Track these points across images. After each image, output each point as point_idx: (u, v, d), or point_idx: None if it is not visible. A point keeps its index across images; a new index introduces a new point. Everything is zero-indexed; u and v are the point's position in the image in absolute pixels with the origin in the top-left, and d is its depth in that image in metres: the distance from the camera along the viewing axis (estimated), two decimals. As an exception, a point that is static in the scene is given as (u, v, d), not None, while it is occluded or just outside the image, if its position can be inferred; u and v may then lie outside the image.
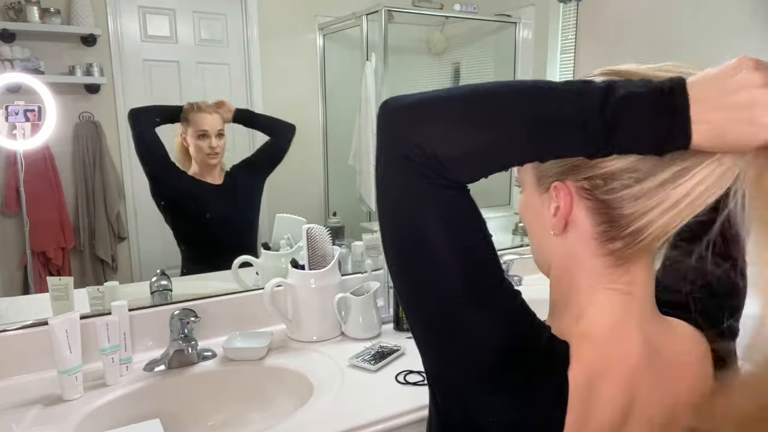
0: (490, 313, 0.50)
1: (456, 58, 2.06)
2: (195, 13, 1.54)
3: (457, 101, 0.50)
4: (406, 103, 0.51)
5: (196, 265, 1.57)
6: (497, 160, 0.49)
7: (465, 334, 0.50)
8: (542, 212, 0.58)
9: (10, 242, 1.36)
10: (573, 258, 0.56)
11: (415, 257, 0.51)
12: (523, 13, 2.01)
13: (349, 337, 1.42)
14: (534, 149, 0.48)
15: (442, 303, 0.50)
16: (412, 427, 1.05)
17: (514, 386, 0.51)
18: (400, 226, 0.51)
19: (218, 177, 1.60)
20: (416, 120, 0.49)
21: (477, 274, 0.50)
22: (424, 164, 0.47)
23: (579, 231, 0.55)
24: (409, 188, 0.49)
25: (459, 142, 0.48)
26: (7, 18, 1.30)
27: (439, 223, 0.49)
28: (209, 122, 1.53)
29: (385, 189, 0.52)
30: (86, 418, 1.06)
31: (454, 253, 0.49)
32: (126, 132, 1.46)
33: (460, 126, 0.48)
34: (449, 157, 0.47)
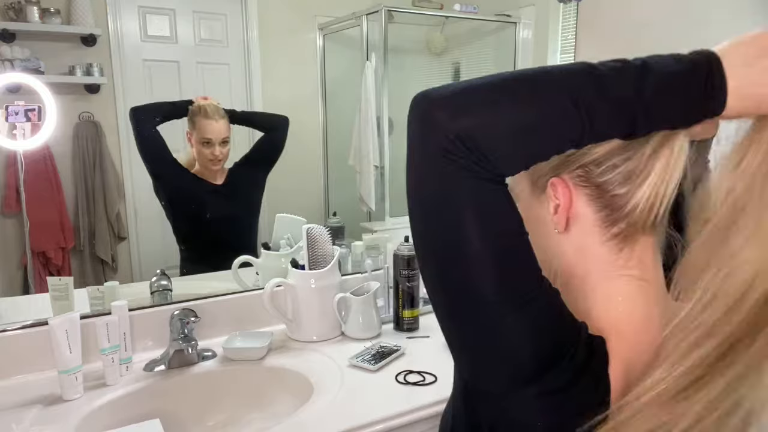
0: (528, 314, 0.49)
1: (456, 58, 2.06)
2: (195, 13, 1.54)
3: (495, 89, 0.49)
4: (442, 94, 0.50)
5: (196, 265, 1.57)
6: (540, 146, 0.48)
7: (504, 335, 0.49)
8: (542, 216, 0.58)
9: (10, 242, 1.36)
10: (581, 252, 0.57)
11: (452, 255, 0.49)
12: (523, 13, 2.01)
13: (349, 337, 1.42)
14: (575, 131, 0.47)
15: (481, 304, 0.49)
16: (412, 427, 1.05)
17: (559, 388, 0.50)
18: (437, 223, 0.49)
19: (219, 177, 1.60)
20: (454, 111, 0.48)
21: (515, 273, 0.49)
22: (465, 156, 0.46)
23: (582, 222, 0.56)
24: (447, 182, 0.47)
25: (501, 130, 0.47)
26: (7, 18, 1.30)
27: (477, 219, 0.47)
28: (215, 130, 1.53)
29: (421, 184, 0.50)
30: (86, 418, 1.06)
31: (492, 250, 0.48)
32: (126, 132, 1.46)
33: (500, 113, 0.47)
34: (491, 147, 0.46)
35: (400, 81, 1.86)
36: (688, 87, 0.47)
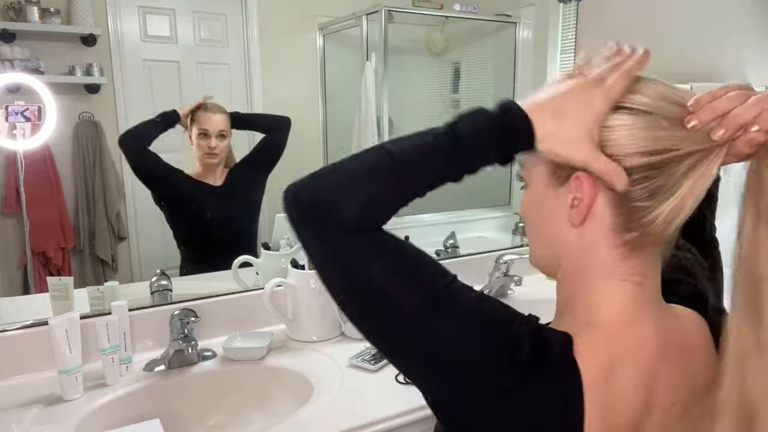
0: (459, 316, 0.53)
1: (456, 58, 2.06)
2: (195, 13, 1.54)
3: (339, 172, 0.56)
4: (300, 187, 0.56)
5: (196, 265, 1.57)
6: (390, 205, 0.54)
7: (446, 346, 0.52)
8: (556, 206, 0.58)
9: (10, 242, 1.36)
10: (589, 250, 0.57)
11: (368, 301, 0.54)
12: (523, 13, 2.01)
13: (349, 337, 1.42)
14: (411, 186, 0.55)
15: (413, 327, 0.52)
16: (412, 427, 1.05)
17: (520, 381, 0.51)
18: (342, 283, 0.55)
19: (219, 177, 1.60)
20: (314, 199, 0.55)
21: (429, 291, 0.53)
22: (336, 226, 0.53)
23: (597, 222, 0.56)
24: (332, 248, 0.54)
25: (353, 200, 0.53)
26: (7, 18, 1.30)
27: (373, 263, 0.53)
28: (211, 122, 1.53)
29: (318, 257, 0.56)
30: (86, 418, 1.06)
31: (398, 281, 0.53)
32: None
33: (351, 188, 0.54)
34: (354, 216, 0.52)
35: (400, 81, 1.86)
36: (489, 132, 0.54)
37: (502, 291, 1.71)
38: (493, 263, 1.69)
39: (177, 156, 1.53)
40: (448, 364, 0.52)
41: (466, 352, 0.52)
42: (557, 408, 0.52)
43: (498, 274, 1.68)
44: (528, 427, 0.52)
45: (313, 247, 0.56)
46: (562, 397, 0.52)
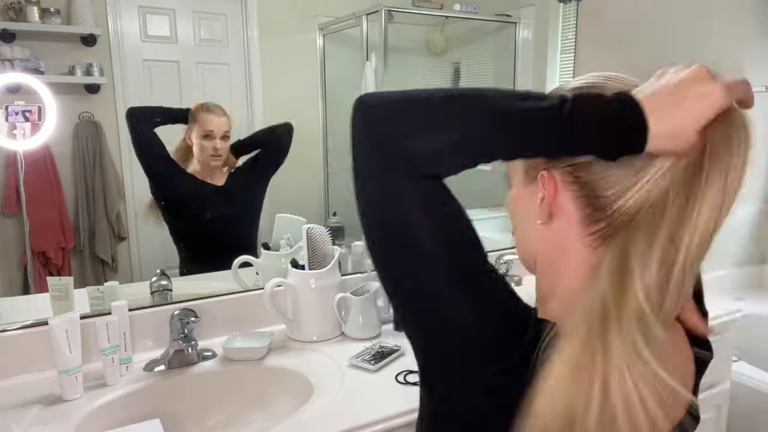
0: (477, 297, 0.52)
1: (456, 58, 2.06)
2: (195, 13, 1.54)
3: (430, 102, 0.53)
4: (381, 101, 0.55)
5: (195, 265, 1.57)
6: (468, 156, 0.52)
7: (455, 323, 0.52)
8: (529, 203, 0.60)
9: (10, 242, 1.36)
10: (560, 245, 0.58)
11: (400, 248, 0.53)
12: (523, 13, 2.01)
13: (349, 337, 1.42)
14: (501, 146, 0.52)
15: (431, 292, 0.52)
16: (412, 427, 1.05)
17: (507, 371, 0.51)
18: (382, 220, 0.54)
19: (220, 178, 1.60)
20: (392, 118, 0.52)
21: (461, 259, 0.52)
22: (403, 160, 0.51)
23: (565, 218, 0.57)
24: (388, 182, 0.52)
25: (433, 139, 0.50)
26: (7, 18, 1.30)
27: (419, 213, 0.51)
28: (216, 123, 1.53)
29: (365, 184, 0.54)
30: (86, 418, 1.06)
31: (438, 240, 0.51)
32: (126, 132, 1.46)
33: (434, 123, 0.51)
34: (425, 154, 0.50)
35: (400, 81, 1.86)
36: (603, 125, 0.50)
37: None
38: (493, 263, 1.69)
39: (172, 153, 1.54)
40: (453, 334, 0.52)
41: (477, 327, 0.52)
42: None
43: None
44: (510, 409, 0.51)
45: (366, 170, 0.54)
46: None
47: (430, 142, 0.50)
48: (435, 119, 0.51)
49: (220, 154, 1.55)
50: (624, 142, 0.50)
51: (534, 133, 0.51)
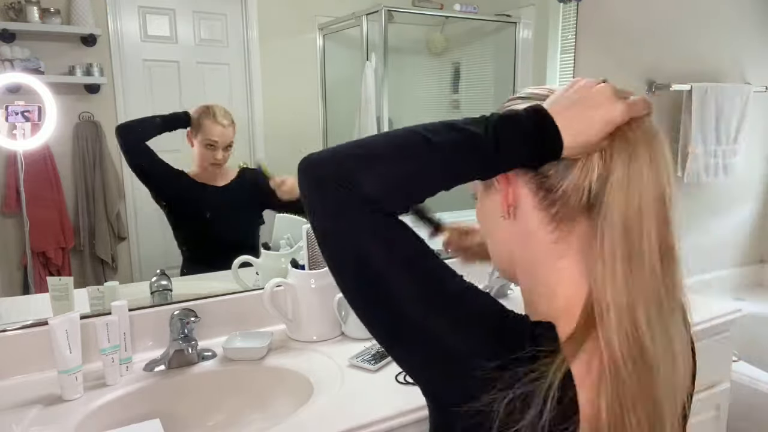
0: (460, 316, 0.54)
1: (456, 58, 2.06)
2: (195, 13, 1.54)
3: (370, 146, 0.57)
4: (324, 156, 0.58)
5: (198, 265, 1.57)
6: (414, 192, 0.57)
7: (445, 346, 0.53)
8: (494, 207, 0.64)
9: (10, 242, 1.36)
10: (527, 236, 0.62)
11: (370, 286, 0.55)
12: (523, 13, 2.01)
13: (349, 337, 1.42)
14: (444, 178, 0.57)
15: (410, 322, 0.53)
16: (412, 427, 1.05)
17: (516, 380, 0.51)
18: (351, 262, 0.56)
19: (220, 179, 1.60)
20: (338, 165, 0.55)
21: (430, 284, 0.55)
22: (358, 201, 0.54)
23: (523, 206, 0.61)
24: (342, 220, 0.55)
25: (379, 180, 0.54)
26: (7, 18, 1.30)
27: (381, 245, 0.54)
28: (221, 134, 1.52)
29: (322, 223, 0.57)
30: (86, 418, 1.06)
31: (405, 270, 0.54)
32: (126, 132, 1.46)
33: (377, 167, 0.55)
34: (376, 192, 0.54)
35: (400, 81, 1.86)
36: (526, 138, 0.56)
37: (501, 291, 1.71)
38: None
39: (178, 155, 1.53)
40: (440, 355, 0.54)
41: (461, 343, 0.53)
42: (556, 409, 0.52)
43: (498, 274, 1.68)
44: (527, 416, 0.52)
45: (320, 215, 0.56)
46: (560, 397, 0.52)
47: (374, 183, 0.54)
48: (375, 162, 0.55)
49: (221, 164, 1.55)
50: (543, 156, 0.57)
51: (465, 161, 0.56)
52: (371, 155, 0.55)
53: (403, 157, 0.55)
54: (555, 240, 0.60)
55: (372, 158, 0.55)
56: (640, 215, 0.54)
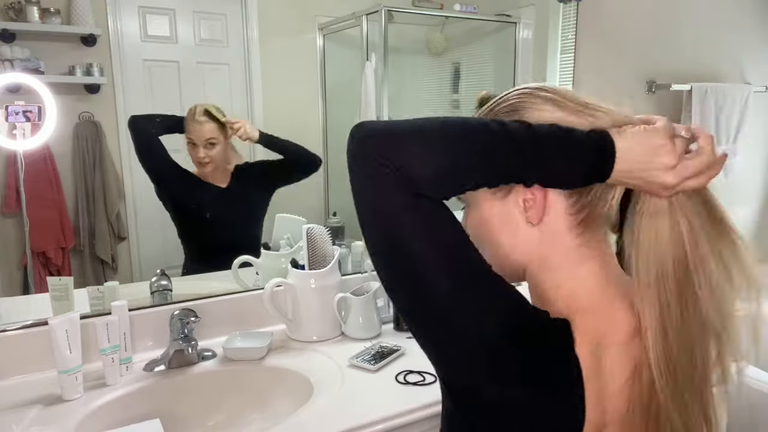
0: (483, 304, 0.54)
1: (456, 58, 2.06)
2: (195, 13, 1.54)
3: (429, 132, 0.55)
4: (379, 129, 0.56)
5: (199, 264, 1.57)
6: (462, 183, 0.55)
7: (464, 328, 0.53)
8: (508, 214, 0.62)
9: (10, 242, 1.36)
10: (552, 241, 0.61)
11: (402, 263, 0.54)
12: (523, 13, 2.01)
13: (349, 337, 1.42)
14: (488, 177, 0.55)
15: (437, 302, 0.53)
16: (412, 427, 1.05)
17: (523, 373, 0.53)
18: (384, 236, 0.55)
19: (222, 179, 1.60)
20: (389, 144, 0.53)
21: (462, 269, 0.54)
22: (400, 182, 0.52)
23: (556, 211, 0.60)
24: (387, 202, 0.53)
25: (430, 167, 0.52)
26: (7, 18, 1.30)
27: (419, 230, 0.53)
28: (197, 132, 1.51)
29: (365, 203, 0.56)
30: (86, 418, 1.06)
31: (437, 253, 0.53)
32: (126, 132, 1.46)
33: (431, 152, 0.53)
34: (421, 178, 0.52)
35: (400, 81, 1.86)
36: (581, 157, 0.55)
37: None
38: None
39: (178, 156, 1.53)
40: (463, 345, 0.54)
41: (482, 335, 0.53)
42: (563, 391, 0.54)
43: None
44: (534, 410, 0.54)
45: (365, 193, 0.55)
46: (567, 382, 0.54)
47: (423, 167, 0.52)
48: (429, 144, 0.53)
49: (207, 161, 1.54)
50: (591, 178, 0.56)
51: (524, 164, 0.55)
52: (424, 144, 0.53)
53: (455, 150, 0.54)
54: (579, 244, 0.60)
55: (425, 147, 0.53)
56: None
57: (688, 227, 0.56)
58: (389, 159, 0.52)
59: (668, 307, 0.55)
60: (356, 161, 0.55)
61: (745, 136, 2.39)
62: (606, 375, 0.56)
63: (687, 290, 0.56)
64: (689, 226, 0.56)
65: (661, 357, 0.55)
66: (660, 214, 0.56)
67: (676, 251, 0.56)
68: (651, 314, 0.56)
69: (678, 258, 0.56)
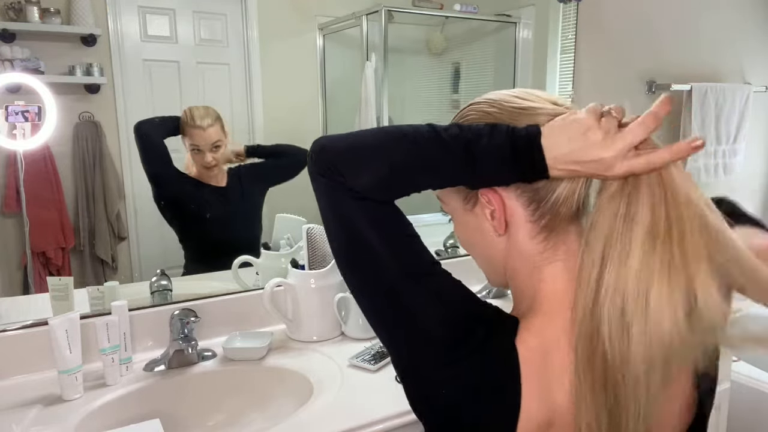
0: (429, 292, 0.58)
1: (456, 58, 2.06)
2: (195, 13, 1.54)
3: (363, 141, 0.62)
4: (330, 145, 0.63)
5: (199, 264, 1.57)
6: (398, 188, 0.61)
7: (411, 314, 0.58)
8: (480, 226, 0.65)
9: (10, 242, 1.36)
10: (518, 248, 0.63)
11: (356, 255, 0.61)
12: (523, 13, 2.01)
13: (349, 337, 1.42)
14: (428, 180, 0.61)
15: (386, 290, 0.59)
16: (412, 427, 1.05)
17: (464, 357, 0.56)
18: (338, 233, 0.63)
19: (221, 179, 1.60)
20: (337, 159, 0.61)
21: (410, 259, 0.60)
22: (347, 189, 0.60)
23: (516, 221, 0.62)
24: (337, 203, 0.61)
25: (369, 175, 0.59)
26: (7, 18, 1.30)
27: (367, 225, 0.60)
28: (202, 138, 1.51)
29: (323, 206, 0.64)
30: (86, 418, 1.06)
31: (386, 245, 0.59)
32: (126, 132, 1.46)
33: (369, 163, 0.59)
34: (362, 185, 0.59)
35: (400, 81, 1.86)
36: (507, 156, 0.57)
37: (500, 291, 1.71)
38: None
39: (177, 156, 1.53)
40: (408, 329, 0.59)
41: (425, 321, 0.58)
42: (495, 386, 0.56)
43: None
44: (468, 401, 0.56)
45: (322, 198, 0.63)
46: (501, 377, 0.56)
47: (364, 176, 0.59)
48: (367, 157, 0.60)
49: (213, 165, 1.54)
50: (525, 169, 0.58)
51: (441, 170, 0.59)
52: (363, 154, 0.60)
53: (389, 158, 0.60)
54: (542, 250, 0.62)
55: (363, 157, 0.60)
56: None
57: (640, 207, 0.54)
58: (337, 171, 0.60)
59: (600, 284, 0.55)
60: (311, 174, 0.63)
61: (745, 136, 2.39)
62: (553, 374, 0.57)
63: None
64: (640, 206, 0.54)
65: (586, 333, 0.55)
66: (615, 196, 0.56)
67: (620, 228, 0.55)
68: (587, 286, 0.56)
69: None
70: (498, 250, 0.65)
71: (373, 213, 0.60)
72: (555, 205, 0.60)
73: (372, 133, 0.62)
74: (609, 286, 0.53)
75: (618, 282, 0.53)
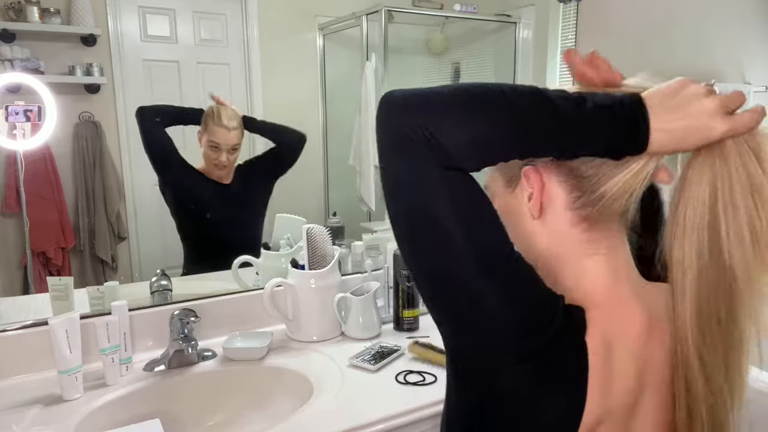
0: (505, 284, 0.53)
1: (456, 58, 2.06)
2: (195, 13, 1.54)
3: (459, 97, 0.53)
4: (410, 95, 0.54)
5: (199, 264, 1.57)
6: (492, 153, 0.54)
7: (485, 306, 0.52)
8: (518, 208, 0.62)
9: (10, 242, 1.36)
10: (556, 235, 0.61)
11: (427, 237, 0.53)
12: (523, 13, 2.01)
13: (349, 337, 1.42)
14: (522, 146, 0.54)
15: (459, 280, 0.53)
16: (412, 427, 1.05)
17: (537, 353, 0.53)
18: (410, 209, 0.54)
19: (226, 177, 1.60)
20: (419, 111, 0.52)
21: (487, 247, 0.53)
22: (429, 150, 0.51)
23: (556, 206, 0.60)
24: (415, 172, 0.52)
25: (460, 133, 0.51)
26: (7, 18, 1.30)
27: (446, 203, 0.52)
28: (224, 137, 1.52)
29: (392, 174, 0.54)
30: (86, 418, 1.06)
31: (463, 229, 0.52)
32: (126, 132, 1.46)
33: (461, 118, 0.51)
34: (452, 146, 0.51)
35: (400, 81, 1.86)
36: (614, 123, 0.52)
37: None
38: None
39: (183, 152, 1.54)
40: (482, 316, 0.53)
41: (504, 309, 0.53)
42: (567, 378, 0.54)
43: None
44: (538, 392, 0.54)
45: (392, 165, 0.54)
46: (573, 370, 0.54)
47: (454, 136, 0.51)
48: (461, 114, 0.52)
49: (225, 165, 1.55)
50: (630, 145, 0.53)
51: (553, 133, 0.53)
52: (456, 111, 0.52)
53: (488, 118, 0.52)
54: (585, 240, 0.60)
55: (457, 115, 0.52)
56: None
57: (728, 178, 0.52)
58: (419, 129, 0.50)
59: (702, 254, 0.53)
60: (384, 131, 0.54)
61: (745, 136, 2.39)
62: (614, 370, 0.56)
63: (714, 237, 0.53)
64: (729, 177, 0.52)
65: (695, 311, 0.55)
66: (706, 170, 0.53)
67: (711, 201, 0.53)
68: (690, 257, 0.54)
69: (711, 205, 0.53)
70: (535, 236, 0.62)
71: (454, 186, 0.52)
72: (601, 199, 0.57)
73: (462, 88, 0.54)
74: None
75: None
